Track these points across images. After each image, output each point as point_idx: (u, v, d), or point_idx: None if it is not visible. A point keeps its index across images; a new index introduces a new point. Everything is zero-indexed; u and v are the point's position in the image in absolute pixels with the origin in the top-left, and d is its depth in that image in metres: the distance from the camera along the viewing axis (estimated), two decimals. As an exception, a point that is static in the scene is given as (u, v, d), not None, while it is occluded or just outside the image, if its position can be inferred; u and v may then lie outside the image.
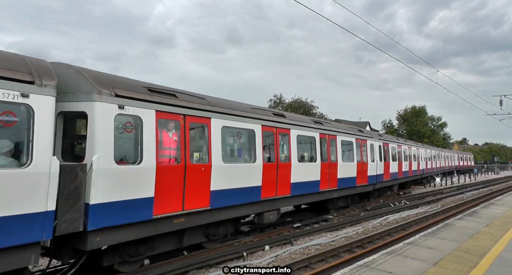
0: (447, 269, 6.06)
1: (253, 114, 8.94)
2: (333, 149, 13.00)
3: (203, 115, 7.37)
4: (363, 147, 15.58)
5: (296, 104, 42.09)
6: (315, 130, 11.97)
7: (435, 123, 66.13)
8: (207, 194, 7.37)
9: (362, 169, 15.10)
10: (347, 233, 10.78)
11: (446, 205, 17.85)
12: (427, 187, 28.30)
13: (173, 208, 6.59)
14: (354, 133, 15.01)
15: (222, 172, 7.69)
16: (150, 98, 6.25)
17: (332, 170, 12.61)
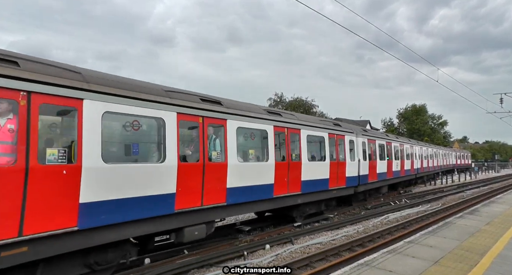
0: (447, 267, 6.06)
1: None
2: (295, 145, 10.51)
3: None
4: (340, 144, 13.15)
5: (296, 103, 42.07)
6: (267, 122, 9.23)
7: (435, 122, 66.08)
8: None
9: (338, 169, 12.64)
10: (348, 232, 10.78)
11: (447, 203, 17.84)
12: (427, 186, 28.29)
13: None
14: (326, 127, 12.38)
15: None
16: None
17: (293, 171, 10.06)
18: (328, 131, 12.29)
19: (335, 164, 12.46)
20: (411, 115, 62.52)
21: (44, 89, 4.97)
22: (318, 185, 11.34)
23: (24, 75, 4.77)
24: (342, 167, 13.02)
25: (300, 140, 10.56)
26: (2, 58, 4.74)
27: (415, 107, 64.15)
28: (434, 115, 66.39)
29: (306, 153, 10.78)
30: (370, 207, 16.27)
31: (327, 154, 12.00)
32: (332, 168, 12.25)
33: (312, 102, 43.16)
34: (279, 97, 43.66)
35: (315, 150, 11.89)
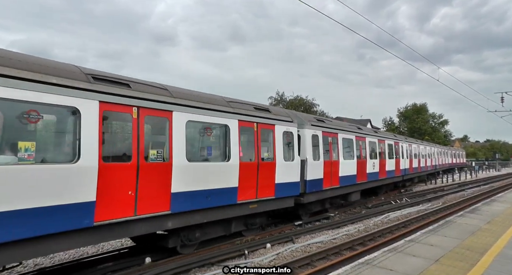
0: (448, 266, 6.07)
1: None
2: (164, 138, 6.92)
3: None
4: (266, 137, 9.53)
5: (297, 102, 42.07)
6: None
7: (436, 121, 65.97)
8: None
9: (259, 174, 8.97)
10: (348, 231, 10.80)
11: (447, 202, 17.84)
12: (428, 184, 28.29)
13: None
14: (233, 112, 8.31)
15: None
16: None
17: (153, 177, 6.47)
18: (237, 118, 8.32)
19: (251, 165, 8.69)
20: (412, 114, 62.40)
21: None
22: (214, 198, 7.63)
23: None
24: (267, 169, 9.18)
25: (171, 128, 6.82)
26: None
27: (415, 106, 64.04)
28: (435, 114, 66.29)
29: (184, 149, 6.99)
30: (371, 206, 16.28)
31: (232, 150, 8.15)
32: (247, 171, 8.50)
33: (313, 101, 43.16)
34: (280, 96, 43.67)
35: (209, 145, 8.30)
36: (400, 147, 21.55)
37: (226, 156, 8.20)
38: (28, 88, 4.87)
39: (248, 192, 8.62)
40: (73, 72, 5.67)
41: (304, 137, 11.16)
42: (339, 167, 13.04)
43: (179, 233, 7.53)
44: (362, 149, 15.67)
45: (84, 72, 5.83)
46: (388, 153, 19.11)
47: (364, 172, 15.40)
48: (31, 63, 5.18)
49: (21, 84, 4.82)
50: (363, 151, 15.76)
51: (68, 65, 5.85)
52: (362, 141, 15.75)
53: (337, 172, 12.89)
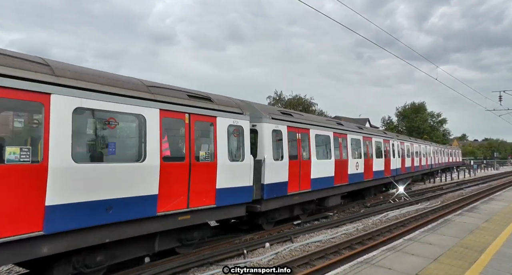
0: (447, 264, 6.08)
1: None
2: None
3: None
4: (201, 132, 7.89)
5: (295, 102, 42.09)
6: None
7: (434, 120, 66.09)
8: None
9: (192, 177, 7.14)
10: (347, 230, 10.80)
11: (446, 201, 17.88)
12: (427, 183, 28.34)
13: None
14: (151, 99, 6.50)
15: None
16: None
17: None
18: (159, 108, 6.59)
19: (178, 166, 6.92)
20: (410, 113, 62.53)
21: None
22: (129, 209, 5.98)
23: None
24: (203, 172, 7.42)
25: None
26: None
27: (414, 105, 64.16)
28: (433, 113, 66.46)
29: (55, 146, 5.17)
30: (370, 205, 16.30)
31: (149, 148, 6.34)
32: (172, 174, 6.75)
33: (311, 101, 43.18)
34: (278, 96, 43.67)
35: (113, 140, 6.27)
36: (391, 145, 19.75)
37: (140, 155, 6.26)
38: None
39: (174, 201, 6.74)
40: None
41: (262, 132, 9.32)
42: (311, 168, 11.22)
43: (71, 258, 5.64)
44: (343, 147, 13.78)
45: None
46: (375, 151, 17.17)
47: (344, 173, 13.64)
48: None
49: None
50: (344, 150, 13.86)
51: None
52: (343, 137, 13.85)
53: (308, 173, 11.09)
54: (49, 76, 5.07)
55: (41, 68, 5.09)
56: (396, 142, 21.01)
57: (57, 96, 5.09)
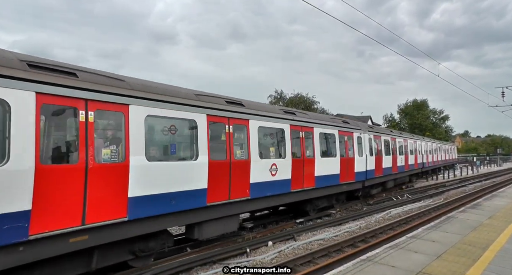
0: (450, 262, 6.07)
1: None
2: None
3: None
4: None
5: (297, 100, 42.05)
6: None
7: (437, 117, 65.90)
8: None
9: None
10: (350, 228, 10.80)
11: (449, 198, 17.83)
12: (429, 181, 28.27)
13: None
14: None
15: None
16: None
17: None
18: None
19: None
20: (412, 110, 62.37)
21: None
22: None
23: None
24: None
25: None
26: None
27: (416, 102, 63.98)
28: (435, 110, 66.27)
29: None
30: (372, 202, 16.28)
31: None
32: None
33: (313, 99, 43.13)
34: (279, 94, 43.64)
35: None
36: (356, 139, 14.15)
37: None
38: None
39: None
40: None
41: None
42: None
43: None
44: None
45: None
46: (324, 148, 12.01)
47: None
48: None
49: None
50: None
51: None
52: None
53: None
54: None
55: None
56: (366, 134, 15.41)
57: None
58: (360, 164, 14.31)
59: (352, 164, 13.71)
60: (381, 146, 17.46)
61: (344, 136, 13.32)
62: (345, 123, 14.04)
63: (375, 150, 16.51)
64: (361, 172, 14.40)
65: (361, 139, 14.78)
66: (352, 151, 13.94)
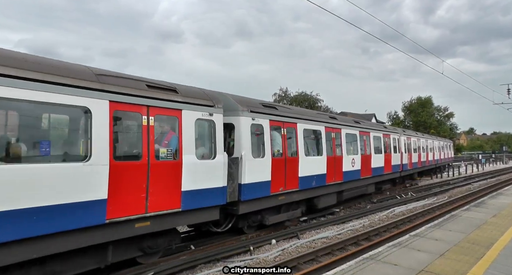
0: (453, 260, 6.08)
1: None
2: None
3: None
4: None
5: (301, 98, 42.00)
6: None
7: (441, 114, 65.46)
8: None
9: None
10: (354, 226, 10.82)
11: (453, 196, 17.76)
12: (434, 179, 28.15)
13: None
14: None
15: None
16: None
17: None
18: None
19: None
20: (417, 108, 62.01)
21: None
22: None
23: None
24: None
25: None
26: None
27: (420, 99, 63.59)
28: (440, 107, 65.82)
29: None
30: (376, 200, 16.27)
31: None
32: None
33: (317, 97, 43.06)
34: (283, 92, 43.62)
35: None
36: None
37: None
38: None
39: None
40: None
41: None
42: None
43: None
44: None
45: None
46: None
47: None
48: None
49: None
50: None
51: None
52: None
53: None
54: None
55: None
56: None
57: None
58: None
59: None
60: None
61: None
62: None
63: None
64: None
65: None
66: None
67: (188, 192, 6.86)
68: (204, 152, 7.53)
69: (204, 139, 7.65)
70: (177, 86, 7.21)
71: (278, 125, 9.61)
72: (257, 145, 8.87)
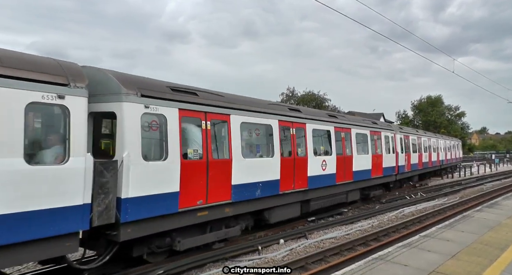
0: (465, 261, 5.95)
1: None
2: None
3: None
4: None
5: (308, 97, 41.83)
6: None
7: (452, 113, 64.48)
8: None
9: None
10: (362, 226, 10.71)
11: (465, 196, 17.47)
12: (444, 179, 27.72)
13: None
14: None
15: None
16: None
17: None
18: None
19: None
20: (427, 107, 61.19)
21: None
22: None
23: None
24: None
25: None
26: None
27: (430, 98, 62.74)
28: (450, 106, 64.83)
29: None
30: (385, 201, 16.09)
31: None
32: None
33: (324, 96, 42.83)
34: (291, 92, 43.51)
35: None
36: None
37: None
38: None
39: None
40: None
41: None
42: None
43: None
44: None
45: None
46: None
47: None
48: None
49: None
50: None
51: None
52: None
53: None
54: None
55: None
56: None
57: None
58: None
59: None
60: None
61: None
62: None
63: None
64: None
65: None
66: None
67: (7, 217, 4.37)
68: (47, 153, 5.10)
69: (48, 134, 5.42)
70: None
71: (197, 117, 7.12)
72: (154, 143, 6.56)
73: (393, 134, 17.10)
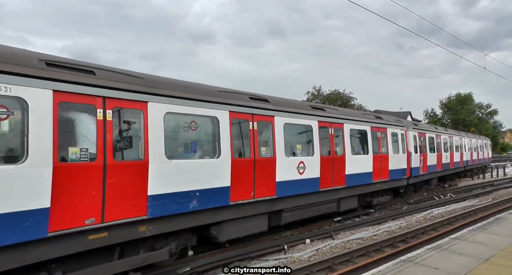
0: (500, 266, 5.78)
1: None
2: None
3: None
4: None
5: (334, 96, 41.40)
6: None
7: (483, 111, 61.78)
8: None
9: None
10: (389, 227, 10.54)
11: (498, 198, 16.75)
12: (475, 179, 26.65)
13: None
14: None
15: None
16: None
17: None
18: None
19: None
20: (456, 105, 58.95)
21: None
22: None
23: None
24: None
25: None
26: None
27: (460, 96, 60.38)
28: (481, 104, 62.15)
29: None
30: (413, 201, 15.71)
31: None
32: None
33: (350, 95, 42.25)
34: (317, 91, 43.24)
35: None
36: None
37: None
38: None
39: None
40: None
41: None
42: None
43: None
44: None
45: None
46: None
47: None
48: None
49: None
50: None
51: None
52: None
53: None
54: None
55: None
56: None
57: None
58: None
59: None
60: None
61: None
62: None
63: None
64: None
65: None
66: None
67: None
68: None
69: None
70: None
71: (88, 104, 5.12)
72: None
73: (403, 131, 14.50)
